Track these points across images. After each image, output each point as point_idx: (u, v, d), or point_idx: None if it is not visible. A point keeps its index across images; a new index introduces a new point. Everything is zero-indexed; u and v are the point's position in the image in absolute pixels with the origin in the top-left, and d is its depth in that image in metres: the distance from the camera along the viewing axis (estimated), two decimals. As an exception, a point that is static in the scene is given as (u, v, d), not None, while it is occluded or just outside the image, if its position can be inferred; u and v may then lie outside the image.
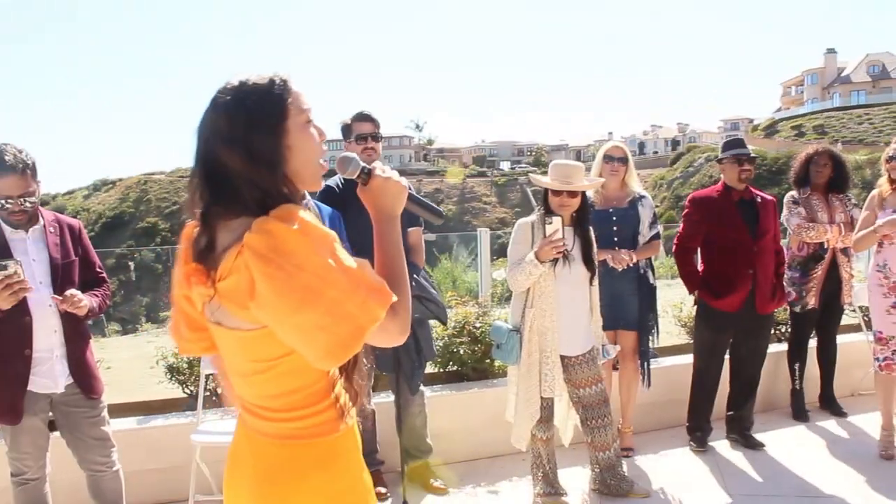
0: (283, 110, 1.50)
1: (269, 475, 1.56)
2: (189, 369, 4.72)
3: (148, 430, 4.23)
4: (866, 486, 4.09)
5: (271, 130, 1.48)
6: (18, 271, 2.88)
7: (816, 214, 5.15)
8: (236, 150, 1.45)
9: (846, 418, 5.28)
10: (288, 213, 1.42)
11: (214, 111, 1.49)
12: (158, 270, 27.39)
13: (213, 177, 1.48)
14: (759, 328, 4.80)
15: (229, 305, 1.45)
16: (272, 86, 1.51)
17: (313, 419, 1.56)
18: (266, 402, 1.57)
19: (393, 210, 1.65)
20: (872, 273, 4.52)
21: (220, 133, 1.47)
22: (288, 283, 1.36)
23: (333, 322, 1.39)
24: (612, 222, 4.53)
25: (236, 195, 1.45)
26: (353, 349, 1.44)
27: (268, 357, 1.50)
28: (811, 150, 5.39)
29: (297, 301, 1.36)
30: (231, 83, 1.51)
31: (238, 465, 1.67)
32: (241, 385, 1.61)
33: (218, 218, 1.47)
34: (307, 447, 1.57)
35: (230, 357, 1.59)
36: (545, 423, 3.91)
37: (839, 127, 69.33)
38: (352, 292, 1.40)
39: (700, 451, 4.71)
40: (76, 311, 3.09)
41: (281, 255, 1.36)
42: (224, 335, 1.53)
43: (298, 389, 1.54)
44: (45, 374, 3.12)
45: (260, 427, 1.59)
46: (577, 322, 3.89)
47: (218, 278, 1.44)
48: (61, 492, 3.73)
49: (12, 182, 2.98)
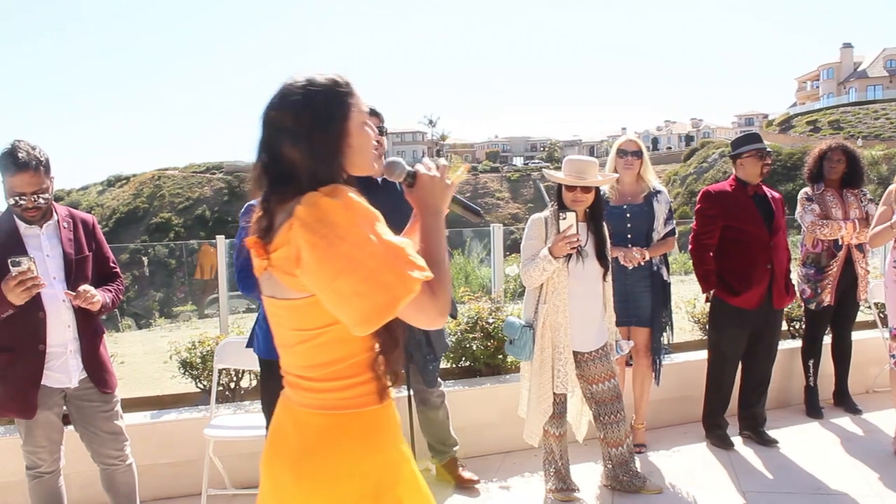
0: (346, 111, 1.64)
1: (310, 446, 1.65)
2: (202, 364, 4.74)
3: (161, 425, 4.25)
4: (880, 484, 4.07)
5: (334, 129, 1.62)
6: (32, 268, 2.90)
7: (830, 211, 5.10)
8: (300, 146, 1.59)
9: (861, 415, 5.24)
10: (335, 189, 1.57)
11: (281, 107, 1.62)
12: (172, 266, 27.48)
13: (275, 167, 1.62)
14: (773, 324, 4.77)
15: (280, 275, 1.59)
16: (337, 87, 1.64)
17: (355, 390, 1.66)
18: (310, 372, 1.66)
19: (438, 207, 1.76)
20: (889, 269, 4.48)
21: (286, 129, 1.60)
22: (329, 251, 1.50)
23: (370, 289, 1.50)
24: (626, 219, 4.49)
25: (295, 183, 1.58)
26: (387, 316, 1.54)
27: (313, 325, 1.61)
28: (824, 145, 5.33)
29: (338, 268, 1.50)
30: (297, 81, 1.62)
31: (279, 439, 1.73)
32: (287, 356, 1.71)
33: (276, 203, 1.61)
34: (348, 418, 1.65)
35: (277, 328, 1.71)
36: (558, 419, 3.90)
37: (855, 122, 68.76)
38: (389, 264, 1.51)
39: (725, 448, 4.66)
40: (89, 307, 3.11)
41: (325, 226, 1.51)
42: (275, 307, 1.67)
43: (342, 359, 1.64)
44: (58, 368, 3.13)
45: (302, 399, 1.68)
46: (591, 318, 3.88)
47: (272, 250, 1.59)
48: (75, 485, 3.76)
49: (26, 179, 2.99)
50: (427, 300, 1.60)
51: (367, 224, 1.54)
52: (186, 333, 5.78)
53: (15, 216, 3.11)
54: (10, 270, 2.86)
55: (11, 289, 2.87)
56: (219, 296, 5.76)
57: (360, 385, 1.66)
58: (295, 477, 1.65)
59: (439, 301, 1.63)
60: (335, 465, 1.63)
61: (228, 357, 4.21)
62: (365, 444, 1.66)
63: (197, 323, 12.73)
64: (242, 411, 4.38)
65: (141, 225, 70.41)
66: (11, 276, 2.86)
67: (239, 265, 3.39)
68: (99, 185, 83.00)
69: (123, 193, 77.02)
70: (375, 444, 1.69)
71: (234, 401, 4.76)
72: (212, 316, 13.00)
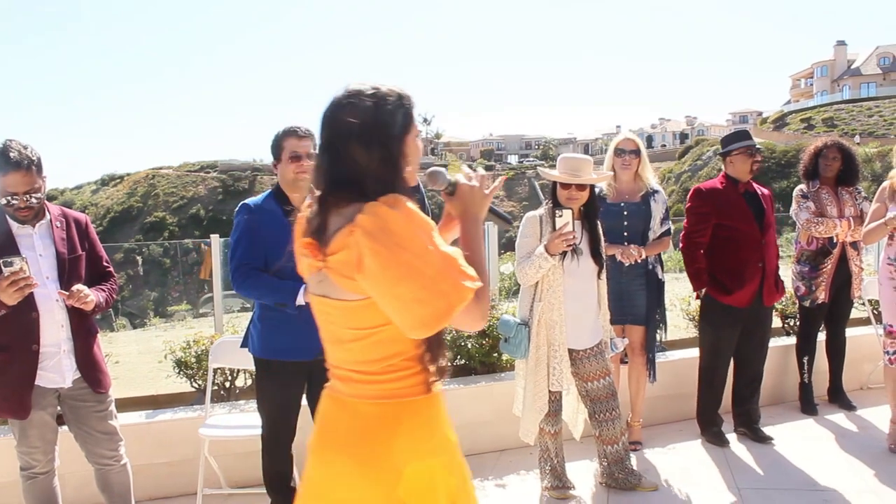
0: (410, 122, 1.74)
1: (364, 431, 1.73)
2: (197, 363, 4.73)
3: (156, 424, 4.24)
4: (875, 480, 4.08)
5: (400, 137, 1.71)
6: (24, 268, 2.89)
7: (826, 208, 5.10)
8: (372, 150, 1.66)
9: (855, 412, 5.26)
10: (395, 200, 1.63)
11: (351, 112, 1.68)
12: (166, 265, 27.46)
13: (337, 169, 1.69)
14: (764, 321, 4.78)
15: (337, 277, 1.66)
16: (402, 100, 1.73)
17: (408, 381, 1.75)
18: (365, 367, 1.75)
19: (478, 215, 1.86)
20: (883, 266, 4.48)
21: (356, 133, 1.66)
22: (391, 259, 1.58)
23: (429, 297, 1.59)
24: (623, 217, 4.49)
25: (357, 186, 1.65)
26: (443, 322, 1.64)
27: (369, 325, 1.70)
28: (820, 143, 5.34)
29: (399, 276, 1.58)
30: (364, 89, 1.70)
31: (330, 430, 1.82)
32: (339, 352, 1.80)
33: (332, 205, 1.68)
34: (401, 405, 1.75)
35: (328, 326, 1.80)
36: (553, 417, 3.91)
37: (849, 119, 68.82)
38: (445, 273, 1.61)
39: (720, 445, 4.66)
40: (83, 307, 3.10)
41: (387, 235, 1.59)
42: (326, 305, 1.75)
43: (395, 355, 1.73)
44: (52, 368, 3.12)
45: (356, 391, 1.77)
46: (586, 316, 3.89)
47: (329, 252, 1.65)
48: (70, 485, 3.75)
49: (18, 179, 2.98)
50: (473, 306, 1.67)
51: (426, 234, 1.62)
52: (181, 333, 5.78)
53: (7, 216, 3.09)
54: (1, 271, 2.85)
55: (4, 289, 2.85)
56: (213, 295, 5.74)
57: (413, 376, 1.76)
58: (357, 463, 1.72)
59: (482, 306, 1.71)
60: (397, 449, 1.71)
61: (223, 356, 4.20)
62: (421, 428, 1.76)
63: (192, 322, 12.72)
64: (238, 411, 4.37)
65: (135, 224, 70.22)
66: (3, 276, 2.85)
67: (234, 264, 3.38)
68: (93, 185, 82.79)
69: (117, 192, 76.81)
70: (430, 429, 1.79)
71: (230, 400, 4.75)
72: (206, 315, 12.98)
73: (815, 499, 3.88)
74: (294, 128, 3.44)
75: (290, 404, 3.51)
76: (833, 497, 3.89)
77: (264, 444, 3.53)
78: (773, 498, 3.92)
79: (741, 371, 4.87)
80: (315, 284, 1.77)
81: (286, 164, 3.41)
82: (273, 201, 3.45)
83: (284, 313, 3.32)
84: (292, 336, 3.37)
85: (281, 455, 3.54)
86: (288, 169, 3.41)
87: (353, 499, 1.73)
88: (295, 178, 3.42)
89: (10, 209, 3.04)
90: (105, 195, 77.47)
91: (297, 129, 3.43)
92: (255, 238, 3.36)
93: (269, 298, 3.34)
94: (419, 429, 1.76)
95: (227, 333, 4.94)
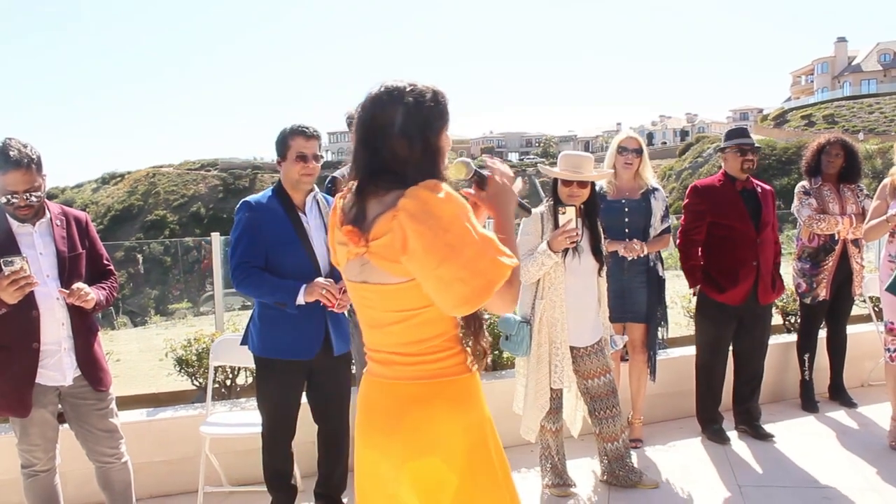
0: (446, 117, 1.84)
1: (405, 408, 1.83)
2: (198, 361, 4.73)
3: (157, 423, 4.24)
4: (876, 477, 4.07)
5: (439, 131, 1.81)
6: (25, 267, 2.89)
7: (828, 205, 5.09)
8: (413, 142, 1.76)
9: (856, 409, 5.25)
10: (435, 184, 1.73)
11: (392, 106, 1.77)
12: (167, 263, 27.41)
13: (376, 160, 1.79)
14: (761, 319, 4.77)
15: (380, 262, 1.75)
16: (439, 96, 1.82)
17: (446, 361, 1.85)
18: (406, 349, 1.85)
19: (508, 205, 1.93)
20: (884, 263, 4.47)
21: (398, 127, 1.76)
22: (434, 240, 1.66)
23: (470, 275, 1.67)
24: (624, 214, 4.48)
25: (397, 176, 1.74)
26: (483, 299, 1.72)
27: (410, 307, 1.80)
28: (823, 139, 5.31)
29: (442, 256, 1.66)
30: (403, 87, 1.79)
31: (373, 414, 1.91)
32: (379, 335, 1.89)
33: (371, 193, 1.77)
34: (440, 385, 1.84)
35: (367, 311, 1.89)
36: (554, 415, 3.91)
37: (849, 116, 68.81)
38: (484, 253, 1.69)
39: (720, 443, 4.66)
40: (83, 305, 3.10)
41: (430, 217, 1.67)
42: (366, 291, 1.84)
43: (436, 336, 1.84)
44: (53, 366, 3.13)
45: (396, 373, 1.87)
46: (586, 313, 3.88)
47: (372, 238, 1.74)
48: (71, 483, 3.75)
49: (18, 177, 2.98)
50: (506, 288, 1.76)
51: (465, 216, 1.71)
52: (182, 331, 5.78)
53: (7, 214, 3.09)
54: (1, 270, 2.85)
55: (4, 288, 2.85)
56: (214, 293, 5.74)
57: (452, 357, 1.86)
58: (402, 441, 1.82)
59: (514, 289, 1.80)
60: (428, 420, 1.81)
61: (224, 354, 4.20)
62: (460, 404, 1.85)
63: (192, 320, 12.71)
64: (238, 408, 4.37)
65: (136, 222, 70.27)
66: (4, 275, 2.85)
67: (234, 262, 3.38)
68: (93, 183, 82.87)
69: (118, 191, 76.91)
70: (468, 406, 1.88)
71: (230, 398, 4.75)
72: (207, 313, 12.98)
73: (815, 496, 3.88)
74: (303, 127, 3.40)
75: (289, 403, 3.51)
76: (834, 494, 3.88)
77: (264, 442, 3.53)
78: (774, 495, 3.91)
79: (741, 369, 4.86)
80: (354, 272, 1.85)
81: (292, 164, 3.39)
82: (275, 199, 3.44)
83: (283, 312, 3.32)
84: (292, 335, 3.37)
85: (281, 453, 3.55)
86: (293, 169, 3.39)
87: (396, 477, 1.85)
88: (299, 179, 3.40)
89: (10, 208, 3.04)
90: (106, 194, 77.54)
91: (306, 129, 3.40)
92: (256, 236, 3.35)
93: (269, 297, 3.34)
94: (456, 406, 1.85)
95: (228, 331, 4.93)
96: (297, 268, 3.36)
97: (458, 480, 1.82)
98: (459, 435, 1.83)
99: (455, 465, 1.82)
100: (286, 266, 3.36)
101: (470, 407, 1.88)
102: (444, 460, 1.82)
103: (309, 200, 3.49)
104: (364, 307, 1.90)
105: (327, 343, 3.45)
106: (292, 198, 3.44)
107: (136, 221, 70.53)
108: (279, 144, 3.41)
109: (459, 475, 1.83)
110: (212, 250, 5.44)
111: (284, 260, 3.37)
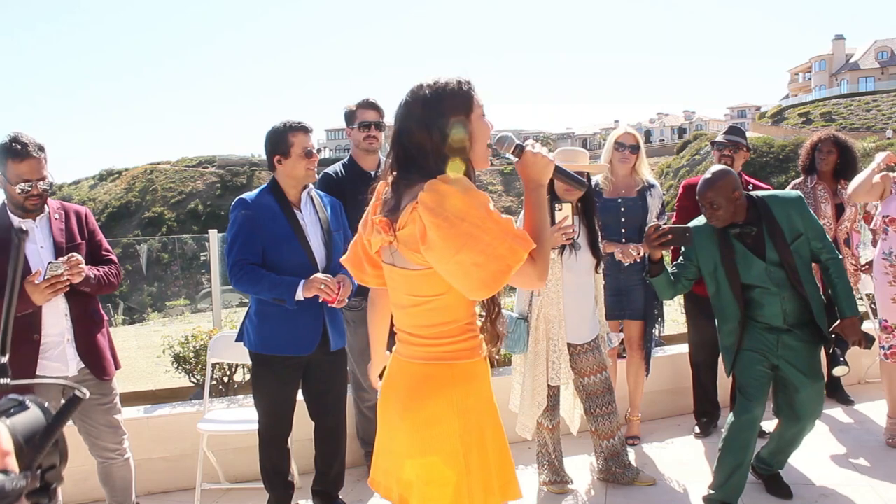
0: (469, 104, 1.90)
1: (413, 388, 1.96)
2: (196, 358, 4.74)
3: (155, 419, 4.25)
4: (872, 474, 4.08)
5: (460, 119, 1.87)
6: (64, 272, 3.01)
7: (820, 204, 5.09)
8: (433, 132, 1.84)
9: (853, 406, 5.27)
10: (452, 177, 1.83)
11: (414, 101, 1.88)
12: (165, 260, 27.40)
13: (405, 155, 1.89)
14: None
15: (404, 250, 1.87)
16: (460, 85, 1.90)
17: (457, 346, 1.95)
18: (420, 331, 1.97)
19: (541, 179, 1.98)
20: (878, 261, 4.48)
21: (417, 118, 1.86)
22: (451, 230, 1.75)
23: (487, 260, 1.75)
24: (620, 213, 4.48)
25: (424, 167, 1.84)
26: (501, 282, 1.80)
27: (426, 293, 1.91)
28: (816, 137, 5.32)
29: (459, 244, 1.75)
30: (427, 82, 1.89)
31: (389, 388, 2.05)
32: (401, 316, 2.03)
33: (404, 185, 1.88)
34: (448, 367, 1.94)
35: (395, 292, 2.03)
36: (551, 412, 3.91)
37: (847, 114, 68.80)
38: (501, 238, 1.76)
39: (701, 437, 4.70)
40: (72, 278, 3.10)
41: (446, 209, 1.76)
42: (393, 272, 1.98)
43: (449, 322, 1.94)
44: (56, 358, 3.15)
45: (411, 352, 1.99)
46: (583, 310, 3.89)
47: (398, 228, 1.85)
48: (70, 480, 3.76)
49: (33, 165, 3.06)
50: (529, 267, 1.84)
51: (482, 205, 1.78)
52: (180, 328, 5.77)
53: (8, 210, 3.13)
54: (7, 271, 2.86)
55: (41, 290, 2.95)
56: (212, 290, 5.74)
57: (462, 342, 1.96)
58: (404, 415, 1.95)
59: (538, 267, 1.86)
60: (439, 404, 1.92)
61: (222, 351, 4.20)
62: (462, 387, 1.94)
63: (190, 317, 12.71)
64: (236, 405, 4.38)
65: (133, 219, 70.18)
66: (45, 277, 2.96)
67: (231, 260, 3.37)
68: (91, 180, 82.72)
69: (115, 188, 76.75)
70: (470, 389, 1.97)
71: (228, 395, 4.75)
72: (205, 310, 12.97)
73: (812, 493, 3.89)
74: (303, 124, 3.38)
75: (286, 399, 3.51)
76: (830, 491, 3.89)
77: (261, 438, 3.53)
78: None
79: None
80: (386, 254, 1.99)
81: (298, 160, 3.36)
82: (270, 196, 3.43)
83: (281, 308, 3.32)
84: (289, 331, 3.37)
85: (278, 449, 3.55)
86: (300, 165, 3.37)
87: (403, 452, 1.98)
88: (306, 174, 3.39)
89: (22, 195, 3.08)
90: (103, 190, 77.40)
91: (305, 124, 3.38)
92: (252, 233, 3.35)
93: (267, 294, 3.34)
94: (462, 387, 1.94)
95: (226, 328, 4.94)
96: (294, 264, 3.36)
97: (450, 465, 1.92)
98: (461, 416, 1.92)
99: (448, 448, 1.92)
100: (283, 263, 3.36)
101: (473, 390, 1.97)
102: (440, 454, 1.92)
103: (304, 197, 3.49)
104: (392, 288, 2.04)
105: (325, 338, 3.46)
106: (287, 194, 3.44)
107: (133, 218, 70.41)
108: (278, 143, 3.36)
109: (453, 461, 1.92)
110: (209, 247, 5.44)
111: (281, 256, 3.37)
